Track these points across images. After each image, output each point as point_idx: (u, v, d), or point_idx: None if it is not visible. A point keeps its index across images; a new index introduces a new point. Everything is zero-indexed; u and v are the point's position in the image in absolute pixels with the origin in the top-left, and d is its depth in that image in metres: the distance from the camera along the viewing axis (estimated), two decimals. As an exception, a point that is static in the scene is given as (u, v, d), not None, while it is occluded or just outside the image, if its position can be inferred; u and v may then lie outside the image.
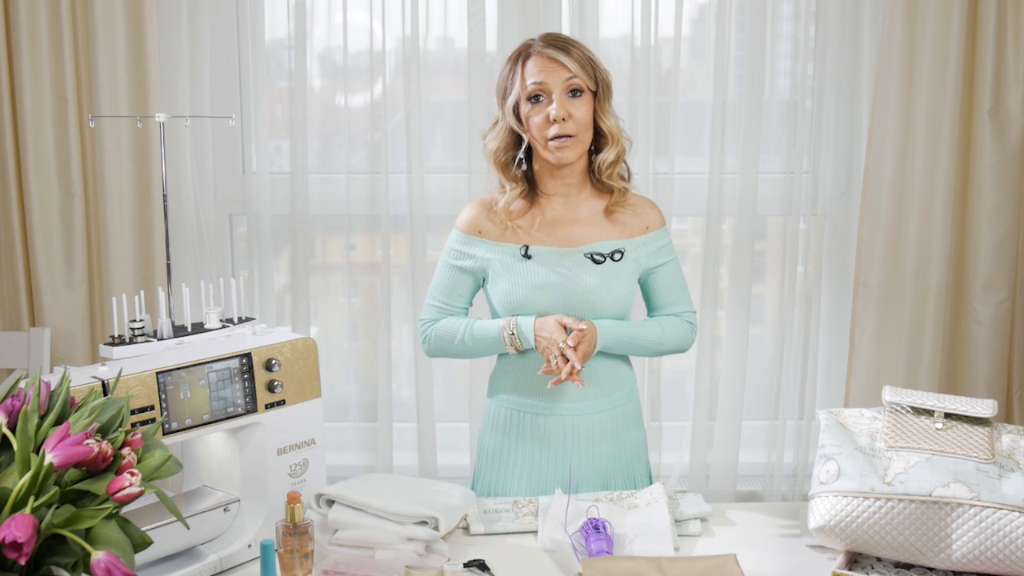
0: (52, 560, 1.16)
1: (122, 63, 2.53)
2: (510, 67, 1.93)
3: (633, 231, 1.98)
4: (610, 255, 1.94)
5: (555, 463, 1.98)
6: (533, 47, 1.91)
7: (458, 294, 2.01)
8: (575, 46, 1.91)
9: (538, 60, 1.89)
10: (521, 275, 1.93)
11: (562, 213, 1.98)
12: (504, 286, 1.94)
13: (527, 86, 1.89)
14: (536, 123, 1.90)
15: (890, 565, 1.66)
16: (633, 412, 2.05)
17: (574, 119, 1.88)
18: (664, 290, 2.02)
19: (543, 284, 1.92)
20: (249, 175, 2.70)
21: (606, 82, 1.94)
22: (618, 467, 2.01)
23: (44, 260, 2.59)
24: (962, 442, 1.63)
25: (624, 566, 1.57)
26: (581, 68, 1.89)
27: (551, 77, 1.88)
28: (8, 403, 1.23)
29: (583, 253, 1.94)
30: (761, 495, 2.77)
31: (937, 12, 2.47)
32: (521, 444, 2.00)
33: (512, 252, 1.95)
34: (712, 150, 2.61)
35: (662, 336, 2.00)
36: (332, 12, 2.66)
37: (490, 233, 1.97)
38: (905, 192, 2.56)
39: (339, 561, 1.61)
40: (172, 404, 1.61)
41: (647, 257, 1.99)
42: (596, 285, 1.92)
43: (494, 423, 2.04)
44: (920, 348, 2.61)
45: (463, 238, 1.99)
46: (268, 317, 2.68)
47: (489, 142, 1.98)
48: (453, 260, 2.00)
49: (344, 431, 2.82)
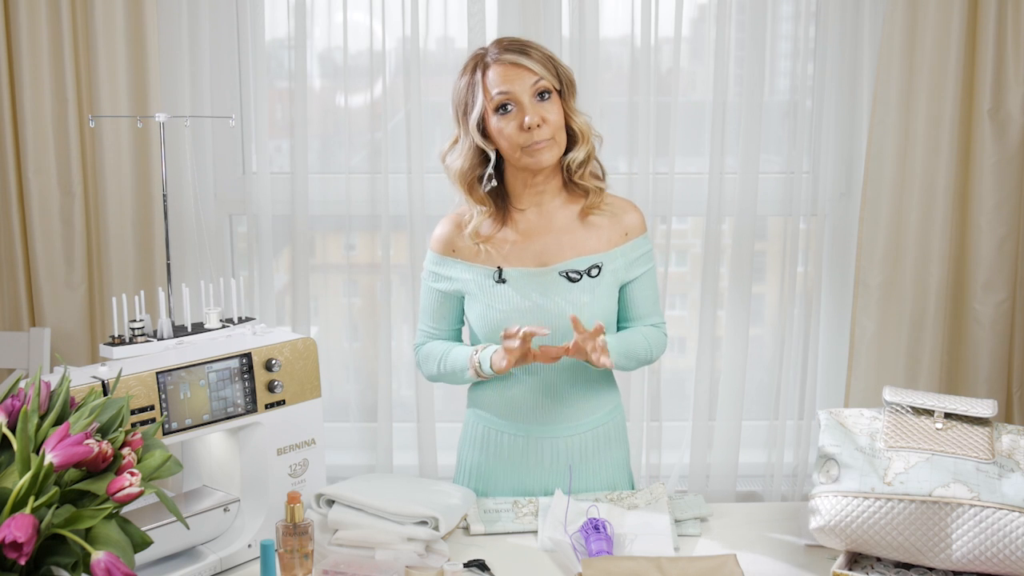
0: (52, 560, 1.16)
1: (122, 63, 2.53)
2: (467, 80, 1.84)
3: (612, 239, 1.91)
4: (587, 271, 1.87)
5: (535, 483, 1.95)
6: (489, 55, 1.82)
7: (443, 316, 1.97)
8: (533, 47, 1.83)
9: (499, 68, 1.80)
10: (496, 299, 1.88)
11: (536, 224, 1.91)
12: (479, 309, 1.89)
13: (493, 97, 1.80)
14: (509, 134, 1.81)
15: (890, 565, 1.66)
16: (616, 430, 2.00)
17: (548, 123, 1.81)
18: (640, 302, 1.95)
19: (517, 309, 1.86)
20: (249, 175, 2.70)
21: (569, 79, 1.86)
22: (600, 484, 1.97)
23: (44, 260, 2.59)
24: (962, 442, 1.63)
25: (624, 566, 1.57)
26: (544, 69, 1.81)
27: (516, 84, 1.79)
28: (8, 403, 1.23)
29: (558, 272, 1.87)
30: (761, 495, 2.77)
31: (937, 12, 2.47)
32: (500, 464, 1.97)
33: (486, 274, 1.89)
34: (712, 150, 2.61)
35: (645, 344, 1.94)
36: (332, 12, 2.66)
37: (463, 252, 1.92)
38: (905, 192, 2.56)
39: (339, 561, 1.61)
40: (172, 404, 1.61)
41: (625, 268, 1.92)
42: (573, 306, 1.86)
43: (472, 439, 2.01)
44: (920, 348, 2.61)
45: (437, 259, 1.94)
46: (268, 317, 2.68)
47: (452, 163, 1.88)
48: (432, 283, 1.95)
49: (344, 431, 2.82)
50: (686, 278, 2.87)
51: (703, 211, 2.65)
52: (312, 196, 2.66)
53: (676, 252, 2.85)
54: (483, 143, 1.85)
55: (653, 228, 2.60)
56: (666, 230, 2.67)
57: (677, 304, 2.90)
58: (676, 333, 2.92)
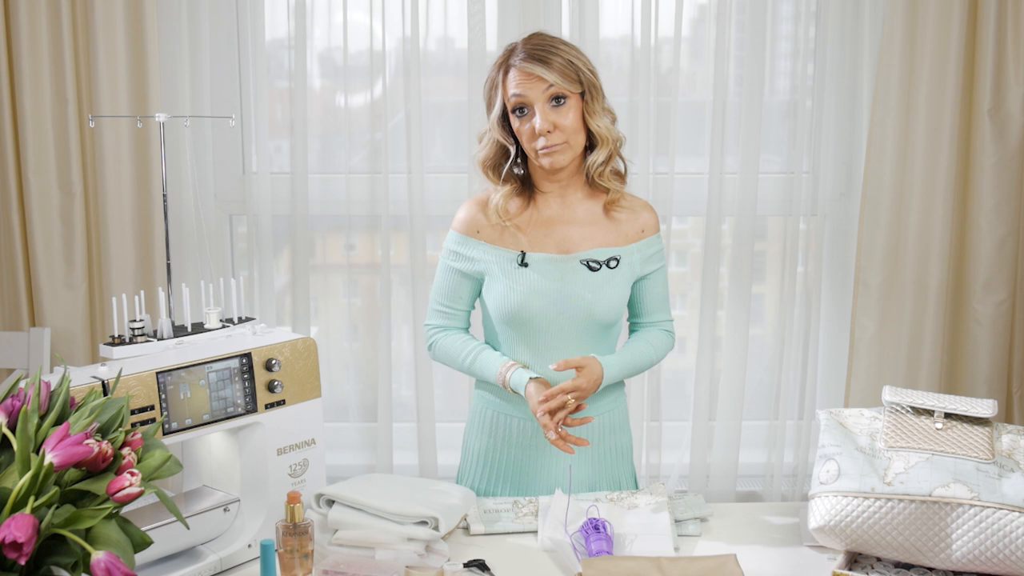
0: (52, 560, 1.16)
1: (122, 63, 2.53)
2: (493, 77, 1.90)
3: (629, 235, 1.96)
4: (606, 262, 1.93)
5: (540, 468, 1.98)
6: (514, 57, 1.86)
7: (459, 297, 2.00)
8: (556, 52, 1.85)
9: (517, 74, 1.85)
10: (517, 281, 1.91)
11: (559, 213, 1.96)
12: (500, 290, 1.93)
13: (509, 99, 1.86)
14: (525, 134, 1.88)
15: (890, 565, 1.66)
16: (620, 417, 2.04)
17: (560, 128, 1.85)
18: (650, 299, 2.01)
19: (539, 291, 1.90)
20: (249, 175, 2.70)
21: (592, 82, 1.88)
22: (603, 472, 2.01)
23: (44, 260, 2.59)
24: (962, 442, 1.63)
25: (624, 566, 1.57)
26: (561, 76, 1.83)
27: (530, 90, 1.84)
28: (8, 403, 1.23)
29: (579, 260, 1.92)
30: (761, 495, 2.77)
31: (937, 12, 2.47)
32: (507, 448, 2.00)
33: (509, 257, 1.93)
34: (712, 150, 2.61)
35: (654, 355, 2.00)
36: (332, 12, 2.66)
37: (487, 235, 1.95)
38: (905, 192, 2.56)
39: (339, 561, 1.61)
40: (172, 404, 1.61)
41: (640, 264, 1.97)
42: (591, 292, 1.91)
43: (480, 424, 2.04)
44: (920, 348, 2.61)
45: (460, 239, 1.97)
46: (268, 317, 2.68)
47: (478, 153, 1.96)
48: (452, 262, 1.98)
49: (344, 431, 2.82)
50: (686, 278, 2.87)
51: (703, 211, 2.65)
52: (312, 196, 2.66)
53: (676, 252, 2.85)
54: (503, 138, 1.91)
55: (653, 228, 2.61)
56: (666, 230, 2.67)
57: (677, 304, 2.90)
58: (676, 333, 2.91)
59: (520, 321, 1.92)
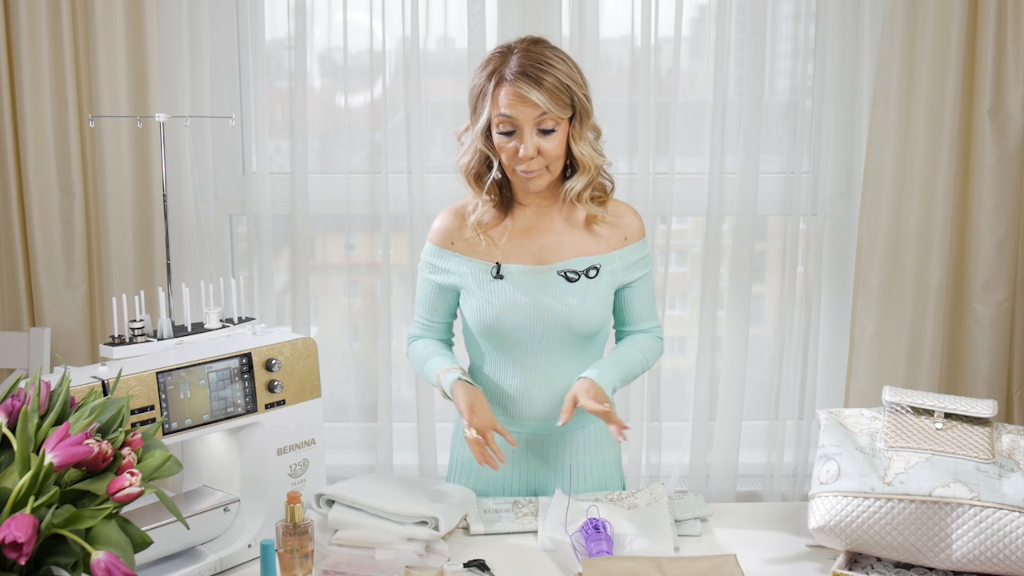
0: (52, 560, 1.16)
1: (122, 63, 2.53)
2: (482, 85, 1.82)
3: (610, 243, 1.91)
4: (585, 272, 1.88)
5: (527, 479, 1.97)
6: (507, 68, 1.78)
7: (437, 309, 1.98)
8: (550, 71, 1.77)
9: (510, 91, 1.77)
10: (492, 294, 1.88)
11: (536, 223, 1.91)
12: (475, 303, 1.90)
13: (498, 115, 1.79)
14: (507, 152, 1.82)
15: (890, 565, 1.66)
16: (605, 429, 1.97)
17: (543, 153, 1.80)
18: (637, 307, 1.96)
19: (514, 304, 1.87)
20: (249, 175, 2.70)
21: (583, 107, 1.82)
22: (590, 484, 1.99)
23: (44, 260, 2.59)
24: (962, 442, 1.63)
25: (624, 566, 1.57)
26: (554, 102, 1.76)
27: (521, 113, 1.77)
28: (8, 403, 1.23)
29: (556, 271, 1.88)
30: (761, 495, 2.77)
31: (937, 12, 2.47)
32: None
33: (484, 269, 1.90)
34: (712, 150, 2.61)
35: (645, 362, 1.96)
36: (332, 12, 2.66)
37: (462, 246, 1.92)
38: (905, 192, 2.56)
39: (339, 561, 1.61)
40: (172, 404, 1.61)
41: (623, 271, 1.92)
42: (569, 304, 1.87)
43: (463, 433, 2.00)
44: (920, 348, 2.61)
45: (435, 251, 1.94)
46: (268, 317, 2.68)
47: (462, 155, 1.90)
48: (429, 274, 1.96)
49: (344, 431, 2.82)
50: (686, 278, 2.87)
51: (703, 211, 2.65)
52: (312, 196, 2.66)
53: (676, 252, 2.85)
54: (487, 149, 1.86)
55: (653, 228, 2.61)
56: (666, 230, 2.67)
57: (677, 304, 2.90)
58: (676, 333, 2.92)
59: (497, 334, 1.89)
